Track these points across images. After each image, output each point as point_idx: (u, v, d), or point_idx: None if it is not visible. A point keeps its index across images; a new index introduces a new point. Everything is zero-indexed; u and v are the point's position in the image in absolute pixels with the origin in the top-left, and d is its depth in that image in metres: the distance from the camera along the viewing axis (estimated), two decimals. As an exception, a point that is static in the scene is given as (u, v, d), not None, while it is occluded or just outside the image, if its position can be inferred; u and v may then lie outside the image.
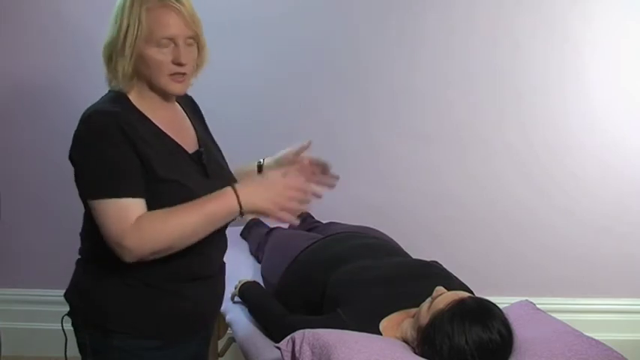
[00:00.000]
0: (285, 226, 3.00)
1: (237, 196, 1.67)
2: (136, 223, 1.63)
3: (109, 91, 1.80)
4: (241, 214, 1.69)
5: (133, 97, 1.77)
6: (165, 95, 1.78)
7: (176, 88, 1.76)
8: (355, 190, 3.18)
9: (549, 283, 3.32)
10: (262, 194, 1.69)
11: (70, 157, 1.74)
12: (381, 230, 2.61)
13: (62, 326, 1.85)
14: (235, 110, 3.12)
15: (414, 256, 2.33)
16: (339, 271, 2.11)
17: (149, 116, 1.76)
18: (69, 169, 1.56)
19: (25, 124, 3.18)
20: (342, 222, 2.78)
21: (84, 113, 1.73)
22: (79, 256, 1.87)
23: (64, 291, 1.86)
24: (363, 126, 3.24)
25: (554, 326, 1.87)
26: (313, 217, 3.00)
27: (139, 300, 1.76)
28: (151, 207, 1.68)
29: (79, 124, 1.71)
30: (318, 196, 1.82)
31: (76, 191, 1.77)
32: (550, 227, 3.30)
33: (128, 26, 1.70)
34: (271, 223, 2.81)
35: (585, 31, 3.20)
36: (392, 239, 2.54)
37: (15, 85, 3.16)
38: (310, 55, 3.16)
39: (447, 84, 3.22)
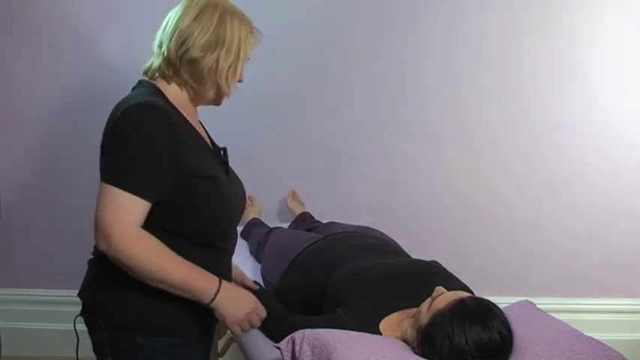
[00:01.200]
0: (286, 225, 3.00)
1: (217, 292, 1.71)
2: (140, 233, 1.64)
3: (140, 83, 1.82)
4: (206, 305, 1.72)
5: (171, 94, 1.78)
6: (205, 103, 1.85)
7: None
8: (357, 190, 3.19)
9: (549, 283, 3.32)
10: (234, 308, 1.75)
11: (105, 145, 1.72)
12: (382, 230, 2.61)
13: (75, 327, 1.83)
14: (238, 111, 3.12)
15: (415, 256, 2.34)
16: (339, 271, 2.11)
17: (183, 113, 1.79)
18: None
19: (34, 125, 3.19)
20: (342, 222, 2.78)
21: (127, 105, 1.70)
22: (93, 255, 1.84)
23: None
24: (368, 126, 3.24)
25: (554, 326, 1.87)
26: (313, 217, 3.00)
27: (161, 297, 1.74)
28: (185, 203, 1.70)
29: (120, 114, 1.68)
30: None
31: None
32: (550, 227, 3.31)
33: (232, 41, 1.75)
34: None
35: (590, 32, 3.21)
36: (392, 239, 2.54)
37: (21, 87, 3.17)
38: (316, 56, 3.17)
39: (453, 84, 3.23)
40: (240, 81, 1.82)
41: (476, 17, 3.19)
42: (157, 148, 1.66)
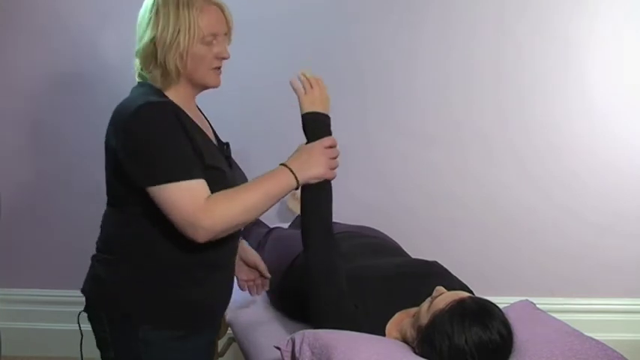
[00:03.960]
0: (286, 226, 3.00)
1: (292, 171, 1.82)
2: (206, 204, 1.70)
3: (139, 84, 1.87)
4: (297, 186, 1.84)
5: (169, 93, 1.84)
6: (201, 89, 1.89)
7: (216, 80, 1.88)
8: (355, 190, 3.18)
9: (549, 283, 3.32)
10: (311, 163, 1.86)
11: (120, 150, 1.76)
12: (381, 230, 2.61)
13: (79, 323, 1.87)
14: (234, 110, 3.12)
15: (414, 256, 2.33)
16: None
17: (185, 110, 1.84)
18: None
19: (34, 125, 3.19)
20: (342, 222, 2.78)
21: (129, 106, 1.75)
22: (96, 251, 1.89)
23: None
24: (363, 126, 3.23)
25: (554, 326, 1.87)
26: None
27: (163, 290, 1.79)
28: None
29: (129, 118, 1.73)
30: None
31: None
32: (550, 227, 3.30)
33: (177, 25, 1.77)
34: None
35: (587, 30, 3.20)
36: (392, 239, 2.54)
37: (14, 86, 3.17)
38: (307, 55, 3.16)
39: (447, 84, 3.23)
40: (222, 57, 1.85)
41: (469, 15, 3.18)
42: (178, 138, 1.73)
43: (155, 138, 1.71)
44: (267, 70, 3.12)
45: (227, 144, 1.99)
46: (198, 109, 2.00)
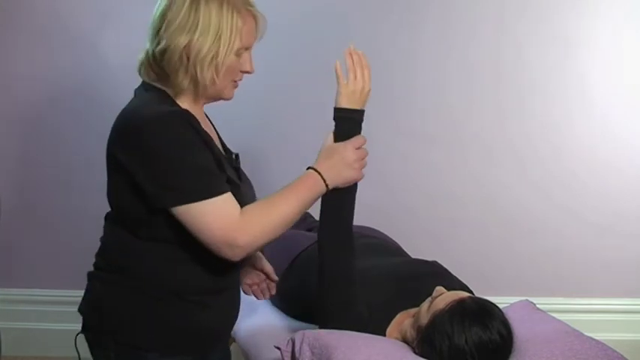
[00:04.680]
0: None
1: (321, 176, 1.72)
2: (242, 220, 1.60)
3: (144, 88, 1.72)
4: (327, 192, 1.74)
5: (179, 100, 1.70)
6: (212, 100, 1.76)
7: (232, 93, 1.76)
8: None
9: (549, 283, 3.32)
10: (341, 166, 1.76)
11: (133, 165, 1.62)
12: (381, 230, 2.61)
13: (76, 346, 1.78)
14: (235, 111, 3.11)
15: (414, 257, 2.33)
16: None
17: (197, 119, 1.70)
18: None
19: (33, 124, 3.18)
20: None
21: (140, 115, 1.62)
22: (95, 268, 1.78)
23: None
24: (362, 126, 3.22)
25: (554, 326, 1.87)
26: (313, 217, 3.00)
27: (170, 314, 1.70)
28: None
29: (144, 130, 1.60)
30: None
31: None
32: (550, 227, 3.30)
33: (220, 32, 1.62)
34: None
35: (587, 30, 3.20)
36: (392, 239, 2.54)
37: (21, 87, 3.16)
38: (307, 55, 3.16)
39: (447, 84, 3.22)
40: (246, 72, 1.73)
41: (469, 15, 3.18)
42: (200, 150, 1.62)
43: (177, 152, 1.58)
44: (267, 71, 3.12)
45: (237, 155, 1.86)
46: (207, 117, 1.87)
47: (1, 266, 3.21)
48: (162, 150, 1.59)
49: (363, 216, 2.90)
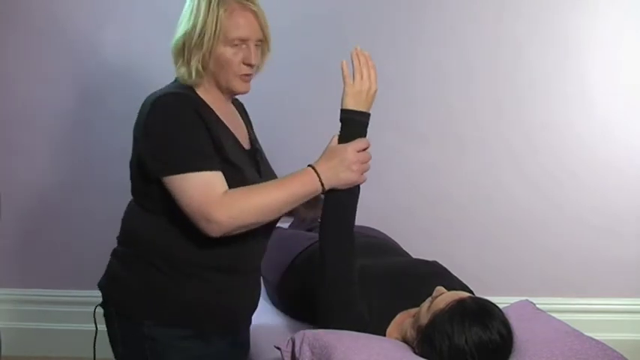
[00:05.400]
0: (286, 226, 3.00)
1: (318, 175, 1.75)
2: (223, 198, 1.66)
3: (176, 80, 1.85)
4: (323, 192, 1.77)
5: (199, 91, 1.82)
6: (228, 93, 1.86)
7: (242, 87, 1.84)
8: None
9: (549, 283, 3.32)
10: (341, 168, 1.78)
11: (140, 140, 1.76)
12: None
13: (94, 317, 1.86)
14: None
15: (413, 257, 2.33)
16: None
17: (213, 108, 1.82)
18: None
19: (33, 124, 3.18)
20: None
21: (152, 98, 1.76)
22: (117, 244, 1.89)
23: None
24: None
25: (554, 326, 1.87)
26: (313, 217, 3.00)
27: (171, 287, 1.77)
28: None
29: (149, 107, 1.73)
30: None
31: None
32: (550, 227, 3.30)
33: (205, 25, 1.75)
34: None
35: (587, 30, 3.20)
36: (391, 239, 2.54)
37: (20, 87, 3.16)
38: (305, 55, 3.16)
39: (446, 83, 3.22)
40: (248, 64, 1.81)
41: (466, 14, 3.18)
42: (195, 129, 1.71)
43: (171, 128, 1.70)
44: (267, 72, 3.11)
45: (256, 149, 1.95)
46: (243, 113, 2.01)
47: (1, 266, 3.21)
48: (160, 126, 1.72)
49: (360, 216, 2.89)
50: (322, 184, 1.76)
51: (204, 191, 1.66)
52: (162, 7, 2.89)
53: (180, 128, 1.70)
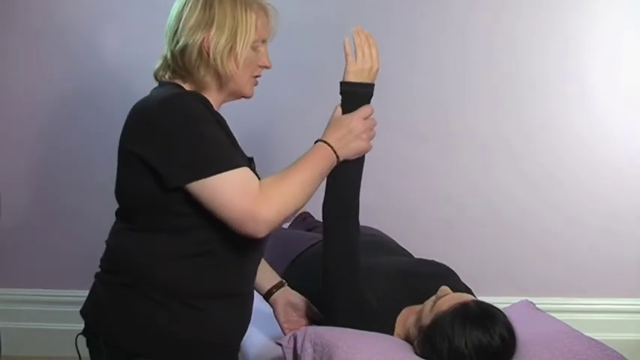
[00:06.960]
0: (286, 226, 3.00)
1: (331, 147, 1.71)
2: (261, 193, 1.56)
3: (160, 85, 1.74)
4: (337, 163, 1.73)
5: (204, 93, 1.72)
6: (234, 97, 1.78)
7: (252, 91, 1.78)
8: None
9: (549, 283, 3.32)
10: (349, 137, 1.74)
11: (147, 148, 1.60)
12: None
13: (76, 346, 1.76)
14: (232, 113, 3.11)
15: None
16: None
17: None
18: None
19: (33, 124, 3.18)
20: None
21: (152, 103, 1.64)
22: (101, 270, 1.76)
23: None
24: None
25: (554, 326, 1.87)
26: (313, 217, 3.00)
27: (167, 320, 1.65)
28: None
29: (157, 109, 1.61)
30: None
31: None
32: (549, 227, 3.30)
33: (236, 27, 1.66)
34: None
35: (587, 30, 3.20)
36: (392, 239, 2.53)
37: (20, 87, 3.16)
38: (302, 55, 3.15)
39: (443, 83, 3.22)
40: (265, 66, 1.76)
41: (466, 14, 3.18)
42: (214, 126, 1.62)
43: (189, 127, 1.57)
44: (266, 73, 3.11)
45: (251, 159, 1.81)
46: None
47: (1, 266, 3.21)
48: (174, 127, 1.58)
49: (360, 216, 2.91)
50: (337, 156, 1.72)
51: (243, 190, 1.55)
52: (162, 7, 2.88)
53: (200, 126, 1.58)
